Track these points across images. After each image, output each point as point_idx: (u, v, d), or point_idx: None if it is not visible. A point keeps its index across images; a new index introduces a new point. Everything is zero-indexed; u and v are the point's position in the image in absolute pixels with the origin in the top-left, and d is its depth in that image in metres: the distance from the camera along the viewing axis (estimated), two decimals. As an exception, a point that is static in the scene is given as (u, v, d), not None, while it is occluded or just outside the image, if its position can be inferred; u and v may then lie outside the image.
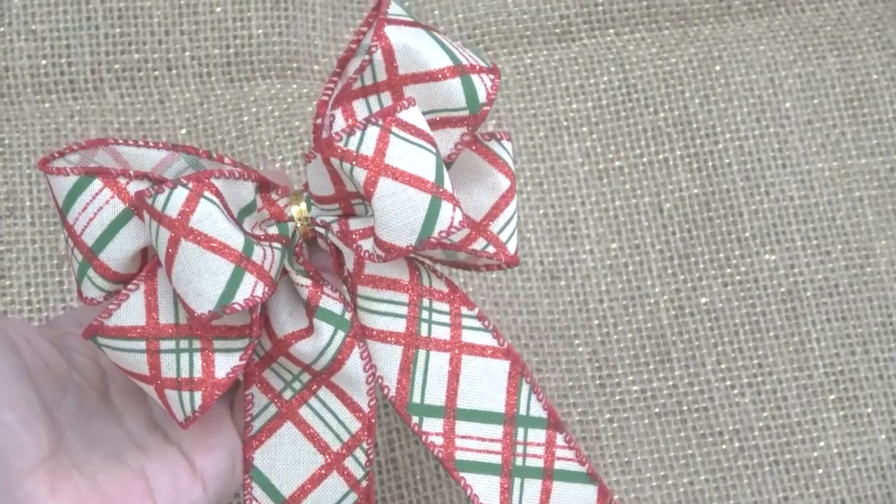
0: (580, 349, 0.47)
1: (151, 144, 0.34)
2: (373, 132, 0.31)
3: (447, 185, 0.32)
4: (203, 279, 0.31)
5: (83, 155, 0.34)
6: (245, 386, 0.36)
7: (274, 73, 0.51)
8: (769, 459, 0.46)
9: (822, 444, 0.46)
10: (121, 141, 0.34)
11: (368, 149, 0.32)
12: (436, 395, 0.35)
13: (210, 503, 0.35)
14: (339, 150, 0.32)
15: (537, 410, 0.37)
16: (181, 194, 0.31)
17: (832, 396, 0.46)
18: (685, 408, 0.46)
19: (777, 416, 0.46)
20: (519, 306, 0.48)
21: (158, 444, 0.36)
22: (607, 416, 0.47)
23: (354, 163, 0.32)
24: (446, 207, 0.32)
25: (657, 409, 0.47)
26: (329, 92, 0.35)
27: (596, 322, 0.48)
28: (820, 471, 0.46)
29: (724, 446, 0.46)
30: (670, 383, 0.47)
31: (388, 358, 0.34)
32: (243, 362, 0.33)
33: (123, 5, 0.52)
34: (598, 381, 0.47)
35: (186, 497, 0.35)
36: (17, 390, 0.32)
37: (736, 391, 0.47)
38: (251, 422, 0.36)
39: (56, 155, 0.33)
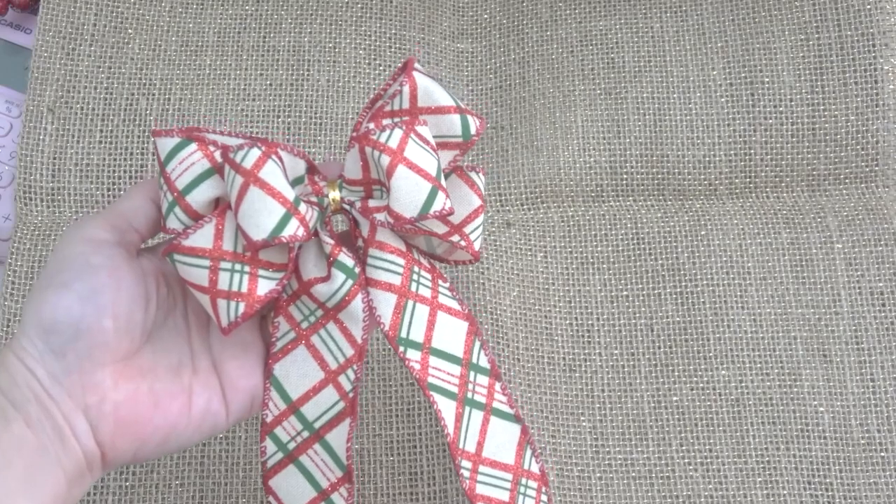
0: (584, 424, 0.49)
1: (234, 134, 0.35)
2: (398, 133, 0.34)
3: (443, 183, 0.34)
4: (262, 215, 0.32)
5: (173, 131, 0.34)
6: (274, 315, 0.37)
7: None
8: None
9: (749, 513, 0.47)
10: (209, 129, 0.34)
11: (393, 143, 0.33)
12: (417, 333, 0.36)
13: (227, 426, 0.36)
14: (373, 141, 0.33)
15: (484, 362, 0.38)
16: (255, 153, 0.32)
17: (759, 479, 0.47)
18: (654, 475, 0.48)
19: (718, 489, 0.47)
20: (545, 388, 0.49)
21: (207, 369, 0.36)
22: (598, 475, 0.48)
23: (382, 151, 0.33)
24: (441, 196, 0.34)
25: (633, 474, 0.48)
26: (363, 118, 0.36)
27: (597, 405, 0.49)
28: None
29: (678, 507, 0.47)
30: (645, 455, 0.48)
31: (386, 302, 0.35)
32: (278, 288, 0.34)
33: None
34: (594, 449, 0.48)
35: (212, 419, 0.35)
36: (124, 308, 0.33)
37: (691, 467, 0.48)
38: (275, 341, 0.37)
39: (163, 131, 0.34)
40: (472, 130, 0.36)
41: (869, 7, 0.55)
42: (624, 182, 0.54)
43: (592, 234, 0.53)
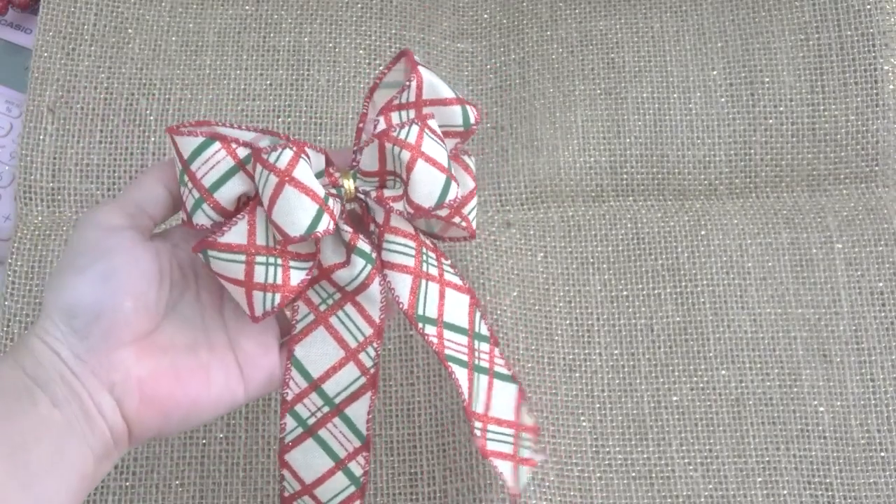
0: (584, 424, 0.49)
1: (244, 127, 0.36)
2: (415, 129, 0.36)
3: (453, 172, 0.37)
4: (298, 213, 0.34)
5: (190, 130, 0.36)
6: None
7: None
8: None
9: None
10: (219, 123, 0.36)
11: (412, 139, 0.35)
12: (432, 310, 0.38)
13: (244, 401, 0.37)
14: (393, 138, 0.35)
15: (484, 330, 0.41)
16: (288, 154, 0.34)
17: (759, 479, 0.48)
18: (654, 475, 0.48)
19: (718, 489, 0.47)
20: (545, 388, 0.49)
21: (223, 347, 0.37)
22: (598, 475, 0.48)
23: (403, 147, 0.35)
24: (454, 186, 0.36)
25: (633, 474, 0.48)
26: (366, 109, 0.39)
27: (597, 405, 0.49)
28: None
29: (678, 507, 0.48)
30: (645, 455, 0.48)
31: (404, 283, 0.37)
32: (308, 276, 0.36)
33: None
34: (594, 449, 0.48)
35: (230, 395, 0.37)
36: (141, 287, 0.34)
37: (691, 467, 0.48)
38: (295, 324, 0.39)
39: (177, 126, 0.36)
40: (472, 119, 0.38)
41: (869, 7, 0.55)
42: (624, 182, 0.54)
43: (592, 234, 0.53)
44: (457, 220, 0.39)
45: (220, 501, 0.47)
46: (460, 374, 0.38)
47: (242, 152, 0.35)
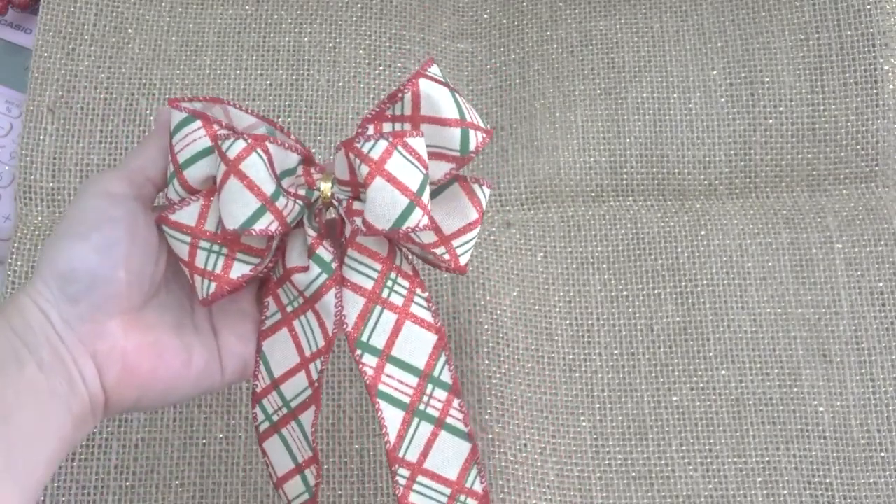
0: (584, 424, 0.49)
1: (250, 112, 0.36)
2: (382, 144, 0.34)
3: (425, 198, 0.34)
4: (237, 206, 0.33)
5: (204, 105, 0.36)
6: (264, 296, 0.38)
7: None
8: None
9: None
10: (232, 103, 0.36)
11: (375, 154, 0.33)
12: (378, 340, 0.36)
13: (222, 385, 0.37)
14: (356, 150, 0.34)
15: (446, 377, 0.38)
16: (240, 144, 0.33)
17: (759, 479, 0.48)
18: (654, 475, 0.48)
19: (718, 489, 0.47)
20: (545, 388, 0.49)
21: (207, 331, 0.37)
22: (598, 475, 0.48)
23: (363, 161, 0.34)
24: (418, 212, 0.34)
25: (633, 474, 0.48)
26: (371, 115, 0.36)
27: (597, 405, 0.49)
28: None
29: (678, 507, 0.48)
30: (645, 455, 0.48)
31: (354, 304, 0.36)
32: (251, 274, 0.35)
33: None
34: (594, 449, 0.48)
35: (209, 378, 0.37)
36: (137, 261, 0.34)
37: (691, 467, 0.48)
38: (265, 320, 0.38)
39: (186, 98, 0.36)
40: (472, 146, 0.35)
41: (869, 7, 0.56)
42: (624, 182, 0.54)
43: (592, 234, 0.53)
44: (440, 250, 0.37)
45: (220, 501, 0.47)
46: (391, 413, 0.36)
47: (211, 140, 0.35)
